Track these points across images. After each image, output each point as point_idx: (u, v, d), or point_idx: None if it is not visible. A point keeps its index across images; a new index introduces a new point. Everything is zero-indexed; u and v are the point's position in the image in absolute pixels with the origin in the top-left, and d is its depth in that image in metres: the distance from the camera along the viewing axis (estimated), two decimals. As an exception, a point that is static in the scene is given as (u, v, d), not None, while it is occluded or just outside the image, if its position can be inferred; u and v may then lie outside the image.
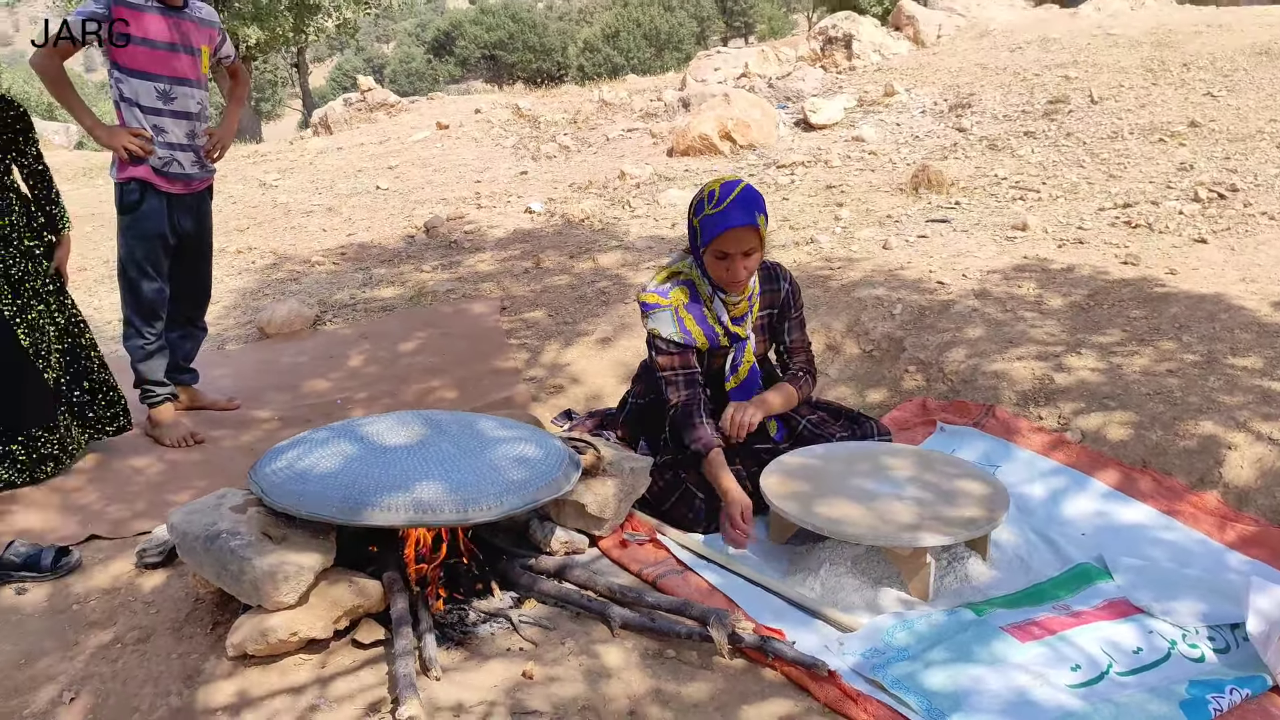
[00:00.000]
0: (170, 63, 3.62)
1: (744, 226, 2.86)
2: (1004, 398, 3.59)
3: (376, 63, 65.97)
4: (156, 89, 3.62)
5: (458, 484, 2.54)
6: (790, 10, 78.28)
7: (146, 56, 3.57)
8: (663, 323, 3.02)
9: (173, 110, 3.67)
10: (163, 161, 3.68)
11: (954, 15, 10.44)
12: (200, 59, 3.74)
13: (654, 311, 3.03)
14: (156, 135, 3.65)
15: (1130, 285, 4.24)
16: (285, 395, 4.27)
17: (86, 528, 3.21)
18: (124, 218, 3.74)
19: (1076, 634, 2.48)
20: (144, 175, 3.66)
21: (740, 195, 2.89)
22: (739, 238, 2.88)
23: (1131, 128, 6.67)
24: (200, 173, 3.84)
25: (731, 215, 2.86)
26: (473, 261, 5.71)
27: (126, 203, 3.70)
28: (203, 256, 4.01)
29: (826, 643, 2.51)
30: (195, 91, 3.73)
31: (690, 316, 3.03)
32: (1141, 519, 3.01)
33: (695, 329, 3.04)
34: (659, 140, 8.38)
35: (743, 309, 3.08)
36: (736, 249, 2.90)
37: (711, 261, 2.96)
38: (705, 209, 2.91)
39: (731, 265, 2.92)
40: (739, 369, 3.13)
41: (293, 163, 10.15)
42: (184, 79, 3.68)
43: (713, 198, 2.91)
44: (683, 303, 3.03)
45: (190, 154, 3.76)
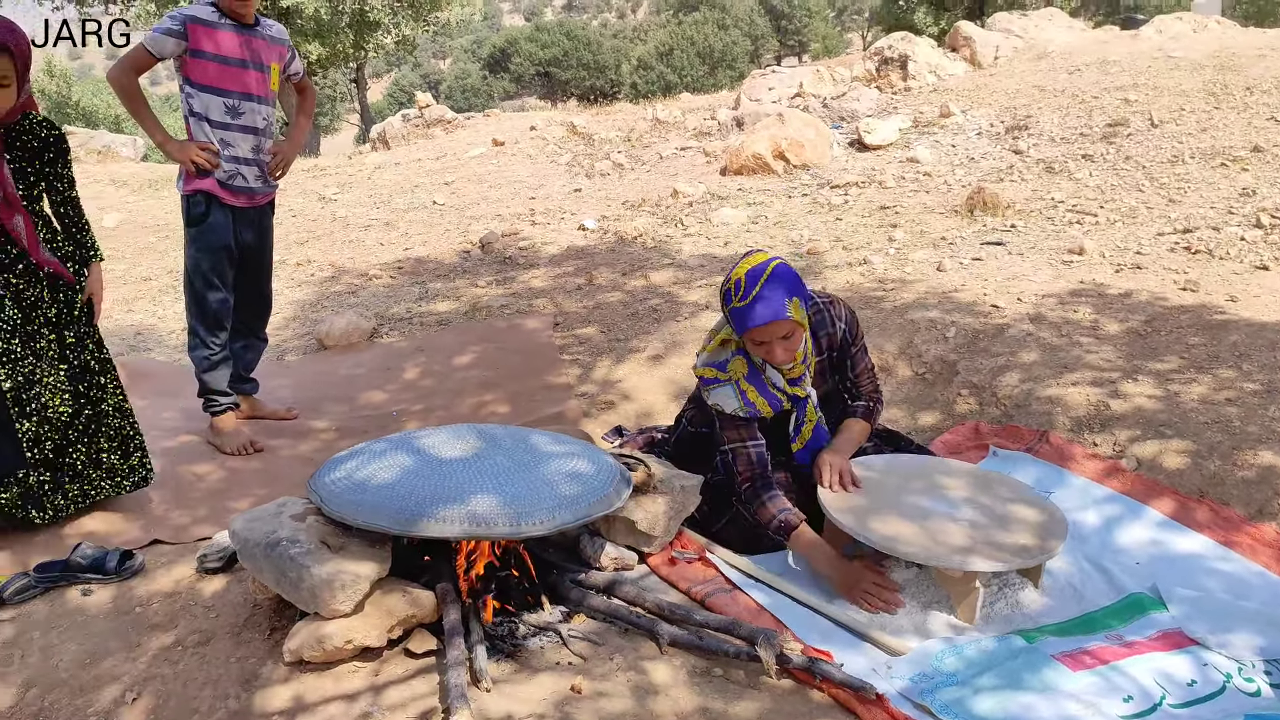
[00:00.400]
0: (240, 78, 3.71)
1: (773, 323, 2.76)
2: (1058, 423, 3.56)
3: (433, 79, 66.82)
4: (225, 104, 3.70)
5: (511, 497, 2.58)
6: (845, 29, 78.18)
7: (218, 72, 3.66)
8: (726, 399, 2.93)
9: (240, 125, 3.75)
10: (228, 175, 3.77)
11: (1011, 37, 10.37)
12: (269, 76, 3.83)
13: (714, 387, 2.95)
14: (223, 149, 3.73)
15: (1189, 312, 4.19)
16: (342, 406, 4.35)
17: (150, 533, 3.29)
18: (190, 229, 3.83)
19: (1129, 664, 2.46)
20: (209, 188, 3.74)
21: (765, 286, 2.76)
22: (770, 330, 2.78)
23: (1192, 152, 6.58)
24: (263, 187, 3.92)
25: (757, 312, 2.76)
26: (526, 277, 5.77)
27: (193, 215, 3.79)
28: (264, 269, 4.09)
29: (874, 666, 2.51)
30: (262, 107, 3.81)
31: (753, 388, 2.95)
32: (1197, 549, 2.97)
33: (759, 400, 2.95)
34: (712, 159, 8.41)
35: (798, 371, 2.97)
36: (771, 337, 2.80)
37: (751, 346, 2.88)
38: (733, 300, 2.81)
39: (770, 351, 2.84)
40: (803, 429, 3.05)
41: (351, 177, 10.32)
42: (252, 95, 3.76)
43: (739, 288, 2.79)
44: (743, 374, 2.95)
45: (255, 168, 3.84)
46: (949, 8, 28.76)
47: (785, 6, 68.27)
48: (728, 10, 61.04)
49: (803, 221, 6.38)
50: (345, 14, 21.57)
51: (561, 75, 53.79)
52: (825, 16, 73.81)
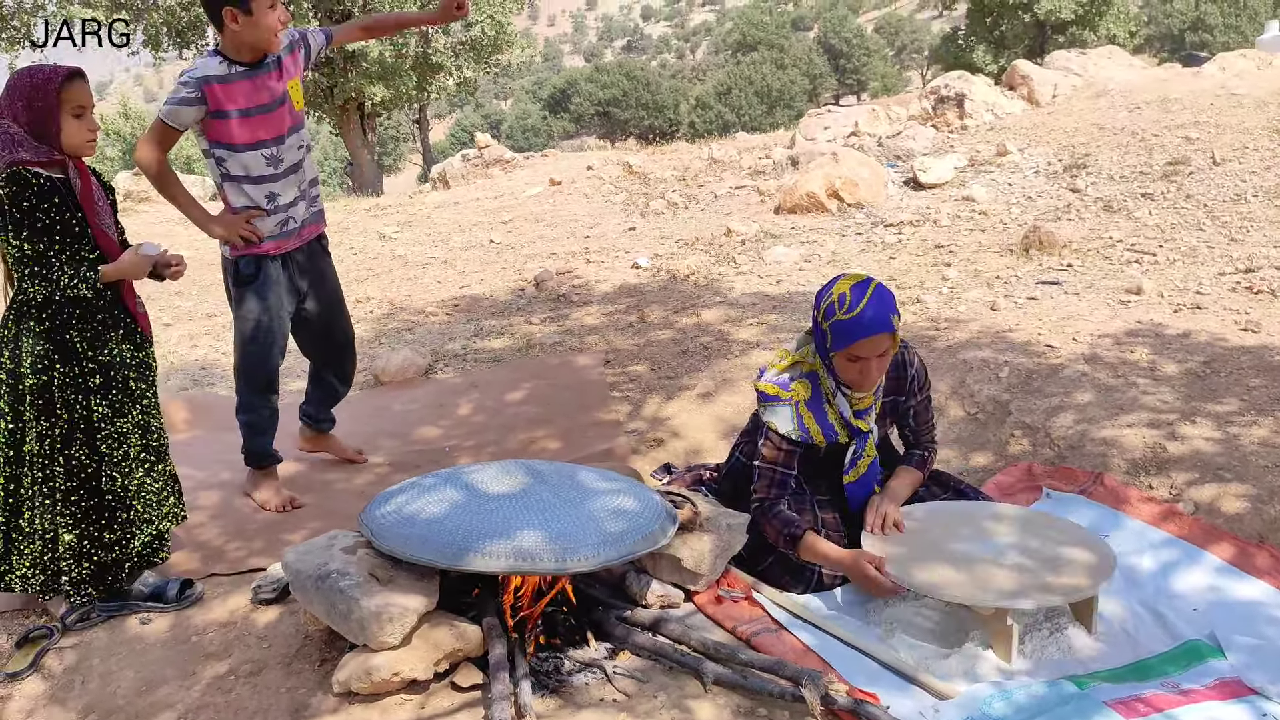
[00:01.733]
0: (269, 124, 3.48)
1: (883, 334, 2.81)
2: (1113, 465, 3.50)
3: (494, 119, 67.99)
4: (264, 156, 3.48)
5: (557, 533, 2.60)
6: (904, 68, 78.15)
7: (249, 127, 3.44)
8: (781, 419, 2.96)
9: (283, 171, 3.54)
10: (279, 225, 3.58)
11: (1070, 75, 10.31)
12: (292, 99, 3.56)
13: (773, 404, 2.98)
14: (269, 201, 3.52)
15: (1250, 353, 4.11)
16: (395, 441, 4.41)
17: (208, 565, 3.36)
18: (239, 290, 3.64)
19: (1185, 713, 2.41)
20: (258, 250, 3.56)
21: (873, 298, 2.82)
22: (875, 343, 2.82)
23: (1255, 190, 6.48)
24: (313, 216, 3.72)
25: (867, 323, 2.79)
26: (579, 315, 5.83)
27: (243, 275, 3.60)
28: (335, 310, 3.92)
29: (922, 709, 2.48)
30: (298, 137, 3.59)
31: (810, 415, 2.98)
32: (1258, 596, 2.90)
33: (814, 427, 2.97)
34: (766, 198, 8.44)
35: (867, 402, 3.00)
36: (871, 353, 2.84)
37: (843, 364, 2.89)
38: (836, 314, 2.83)
39: (865, 369, 2.87)
40: (859, 463, 3.05)
41: (411, 216, 10.52)
42: (285, 134, 3.53)
43: (844, 302, 2.82)
44: (804, 399, 2.97)
45: (304, 203, 3.64)
46: (1008, 46, 28.68)
47: (844, 46, 68.58)
48: (786, 50, 61.47)
49: (856, 260, 6.37)
50: (409, 57, 22.04)
51: (621, 115, 54.46)
52: (884, 55, 73.99)
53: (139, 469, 3.09)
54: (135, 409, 3.08)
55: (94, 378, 2.96)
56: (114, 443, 3.00)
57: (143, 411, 3.11)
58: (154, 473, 3.15)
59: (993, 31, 29.40)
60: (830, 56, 67.39)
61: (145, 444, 3.12)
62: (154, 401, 3.18)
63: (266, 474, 3.92)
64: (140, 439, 3.10)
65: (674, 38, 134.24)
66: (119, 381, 3.02)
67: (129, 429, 3.05)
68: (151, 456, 3.15)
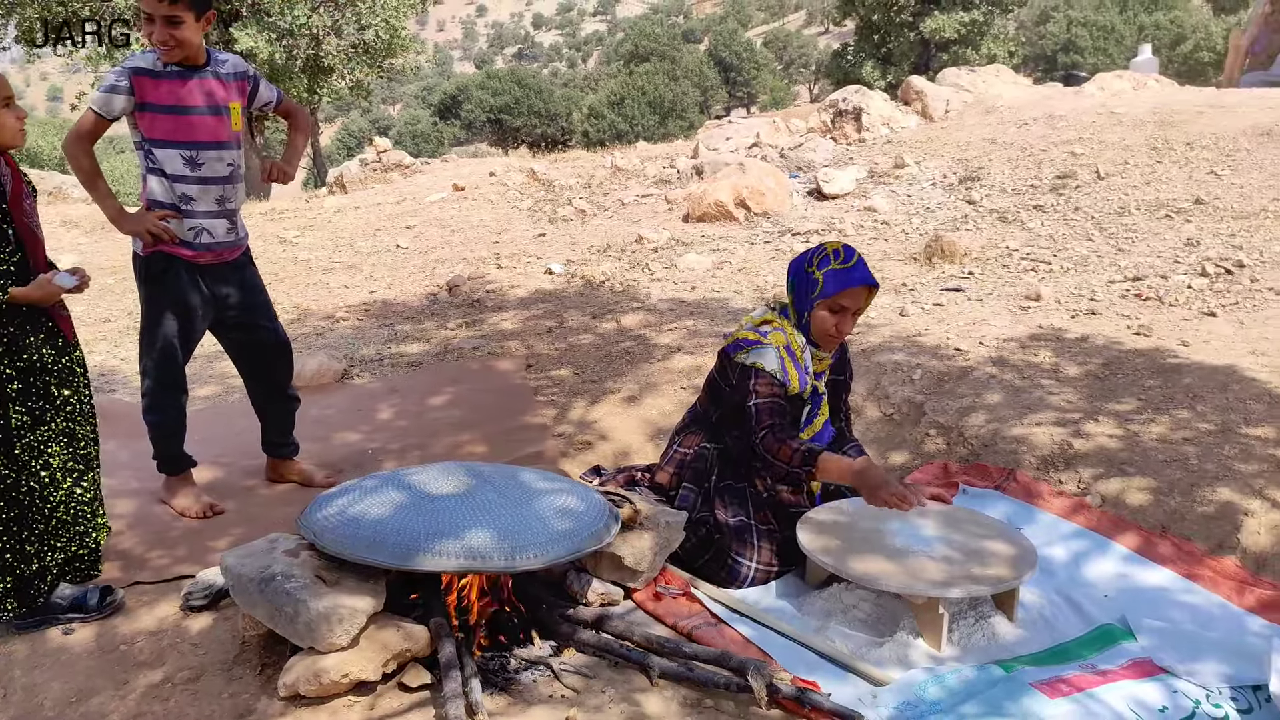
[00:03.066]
0: (195, 126, 3.42)
1: (869, 286, 3.13)
2: (1024, 462, 3.68)
3: (382, 124, 66.87)
4: (183, 156, 3.42)
5: (505, 532, 2.62)
6: (792, 82, 79.66)
7: (170, 123, 3.39)
8: (767, 358, 3.14)
9: (200, 176, 3.46)
10: (193, 232, 3.49)
11: (961, 91, 10.71)
12: (229, 117, 3.50)
13: (755, 348, 3.16)
14: (184, 204, 3.45)
15: (1144, 355, 4.36)
16: (316, 446, 4.35)
17: (130, 573, 3.27)
18: (149, 288, 3.57)
19: (1104, 691, 2.55)
20: (170, 249, 3.49)
21: (861, 258, 3.15)
22: (858, 294, 3.13)
23: (1138, 204, 6.85)
24: (233, 240, 3.64)
25: (862, 273, 3.11)
26: (496, 320, 5.83)
27: (152, 273, 3.52)
28: (263, 319, 3.82)
29: (860, 696, 2.58)
30: (225, 153, 3.51)
31: (789, 359, 3.17)
32: (1162, 582, 3.09)
33: (793, 371, 3.17)
34: (674, 206, 8.56)
35: (825, 365, 3.27)
36: (854, 304, 3.14)
37: (822, 315, 3.14)
38: (831, 263, 3.11)
39: (843, 320, 3.14)
40: (814, 421, 3.28)
41: (311, 221, 10.32)
42: (211, 143, 3.46)
43: (838, 255, 3.13)
44: (782, 344, 3.17)
45: (223, 221, 3.56)
46: (895, 62, 29.55)
47: (734, 59, 69.54)
48: (677, 61, 62.01)
49: (767, 268, 6.52)
50: (299, 59, 21.59)
51: (513, 122, 54.14)
52: (773, 69, 75.29)
53: (66, 479, 2.99)
54: (58, 416, 2.98)
55: (11, 383, 2.86)
56: (34, 452, 2.90)
57: (67, 419, 3.01)
58: (84, 482, 3.06)
59: (880, 48, 30.24)
60: (721, 69, 68.26)
61: (72, 453, 3.03)
62: (81, 408, 3.08)
63: (183, 480, 3.82)
64: (65, 447, 3.00)
65: (565, 46, 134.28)
66: (39, 387, 2.92)
67: (50, 437, 2.95)
68: (80, 465, 3.05)
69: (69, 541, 3.03)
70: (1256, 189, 6.80)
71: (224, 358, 5.41)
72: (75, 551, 3.06)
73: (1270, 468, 3.37)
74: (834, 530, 3.04)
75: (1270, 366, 4.17)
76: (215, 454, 4.22)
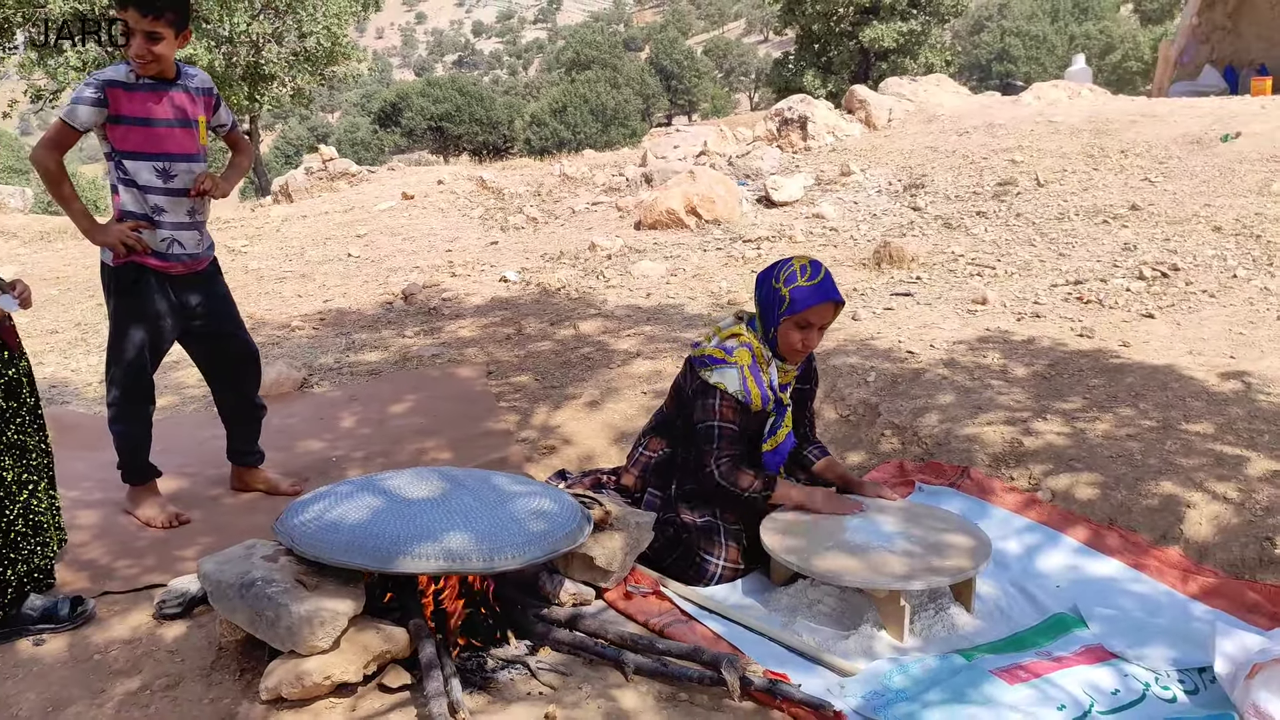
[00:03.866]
0: (167, 140, 3.46)
1: (836, 303, 3.16)
2: (977, 460, 3.81)
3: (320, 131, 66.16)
4: (155, 168, 3.46)
5: (483, 534, 2.68)
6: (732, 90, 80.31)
7: (143, 136, 3.43)
8: (730, 379, 3.17)
9: (171, 189, 3.50)
10: (165, 243, 3.53)
11: (903, 100, 10.94)
12: (198, 130, 3.56)
13: (721, 367, 3.19)
14: (156, 215, 3.49)
15: (1088, 356, 4.52)
16: (279, 455, 4.35)
17: (99, 583, 3.26)
18: (119, 299, 3.57)
19: (1059, 677, 2.66)
20: (141, 260, 3.51)
21: (828, 274, 3.17)
22: (825, 311, 3.15)
23: (1077, 209, 7.07)
24: (203, 251, 3.67)
25: (829, 290, 3.13)
26: (454, 327, 5.86)
27: (122, 284, 3.54)
28: (232, 327, 3.84)
29: (829, 686, 2.66)
30: (195, 166, 3.55)
31: (752, 378, 3.20)
32: (1111, 572, 3.23)
33: (755, 391, 3.20)
34: (625, 214, 8.64)
35: (791, 376, 3.30)
36: (820, 321, 3.17)
37: (789, 330, 3.16)
38: (799, 280, 3.13)
39: (809, 336, 3.18)
40: (778, 432, 3.31)
41: (259, 230, 10.25)
42: (181, 155, 3.50)
43: (805, 271, 3.15)
44: (746, 363, 3.21)
45: (194, 232, 3.59)
46: (835, 71, 29.96)
47: (675, 67, 69.97)
48: (619, 69, 62.28)
49: (720, 274, 6.63)
50: (239, 66, 21.36)
51: (454, 130, 53.89)
52: (714, 77, 75.87)
53: (22, 491, 2.98)
54: (8, 429, 2.97)
55: None
56: None
57: (18, 430, 3.00)
58: (39, 494, 3.04)
59: (821, 57, 30.63)
60: (662, 77, 68.68)
61: (25, 464, 3.01)
62: (31, 420, 3.06)
63: (148, 490, 3.81)
64: (17, 460, 2.98)
65: (506, 54, 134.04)
66: None
67: (0, 450, 2.93)
68: (34, 477, 3.04)
69: (30, 554, 3.01)
70: (1188, 195, 7.05)
71: (180, 368, 5.41)
72: (38, 563, 3.05)
73: (1210, 461, 3.53)
74: (797, 530, 3.13)
75: (1207, 365, 4.36)
76: (179, 464, 4.21)
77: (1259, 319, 4.99)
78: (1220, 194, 6.96)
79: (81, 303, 7.77)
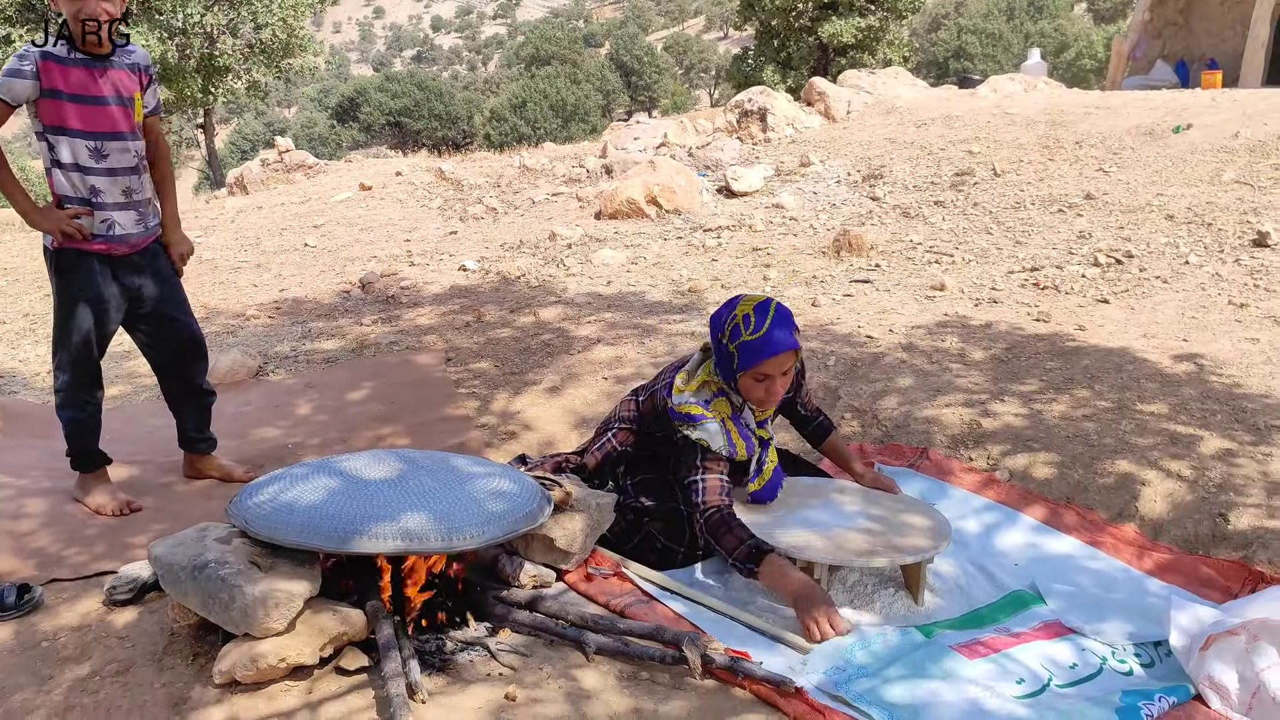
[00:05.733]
0: (102, 117, 3.36)
1: (788, 351, 2.90)
2: (936, 441, 3.83)
3: (277, 126, 65.51)
4: (88, 147, 3.36)
5: (441, 514, 2.64)
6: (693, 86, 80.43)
7: (77, 113, 3.31)
8: (714, 437, 2.99)
9: (107, 168, 3.41)
10: (104, 225, 3.44)
11: (861, 93, 11.00)
12: (134, 108, 3.45)
13: (702, 424, 3.00)
14: (93, 196, 3.40)
15: (1044, 340, 4.56)
16: (234, 442, 4.28)
17: (47, 570, 3.19)
18: (60, 281, 3.49)
19: (1018, 651, 2.68)
20: (81, 245, 3.42)
21: (776, 318, 2.90)
22: (781, 361, 2.91)
23: (1033, 199, 7.14)
24: (142, 231, 3.56)
25: (775, 341, 2.87)
26: (412, 315, 5.81)
27: (63, 265, 3.46)
28: (176, 311, 3.73)
29: (790, 664, 2.66)
30: (130, 144, 3.45)
31: (735, 429, 3.04)
32: (1068, 550, 3.26)
33: (740, 442, 3.04)
34: (585, 204, 8.61)
35: (768, 413, 3.14)
36: (777, 371, 2.93)
37: (749, 384, 2.96)
38: (742, 334, 2.90)
39: (771, 387, 2.96)
40: (764, 470, 3.16)
41: (213, 221, 10.11)
42: (116, 133, 3.40)
43: (748, 323, 2.90)
44: (727, 414, 3.05)
45: (131, 212, 3.49)
46: (795, 66, 30.04)
47: (635, 63, 69.93)
48: (579, 65, 62.16)
49: (680, 262, 6.62)
50: (193, 58, 21.05)
51: (413, 125, 53.53)
52: (674, 73, 75.91)
53: None
54: None
55: None
56: None
57: None
58: None
59: (780, 53, 30.69)
60: (622, 73, 68.58)
61: None
62: None
63: (97, 478, 3.73)
64: None
65: (465, 49, 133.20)
66: None
67: None
68: None
69: None
70: (1141, 185, 7.14)
71: (132, 357, 5.32)
72: None
73: (1164, 441, 3.57)
74: (760, 508, 3.13)
75: (1160, 348, 4.41)
76: (129, 452, 4.13)
77: (1210, 304, 5.06)
78: (1172, 183, 7.05)
79: (29, 294, 7.62)
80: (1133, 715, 2.41)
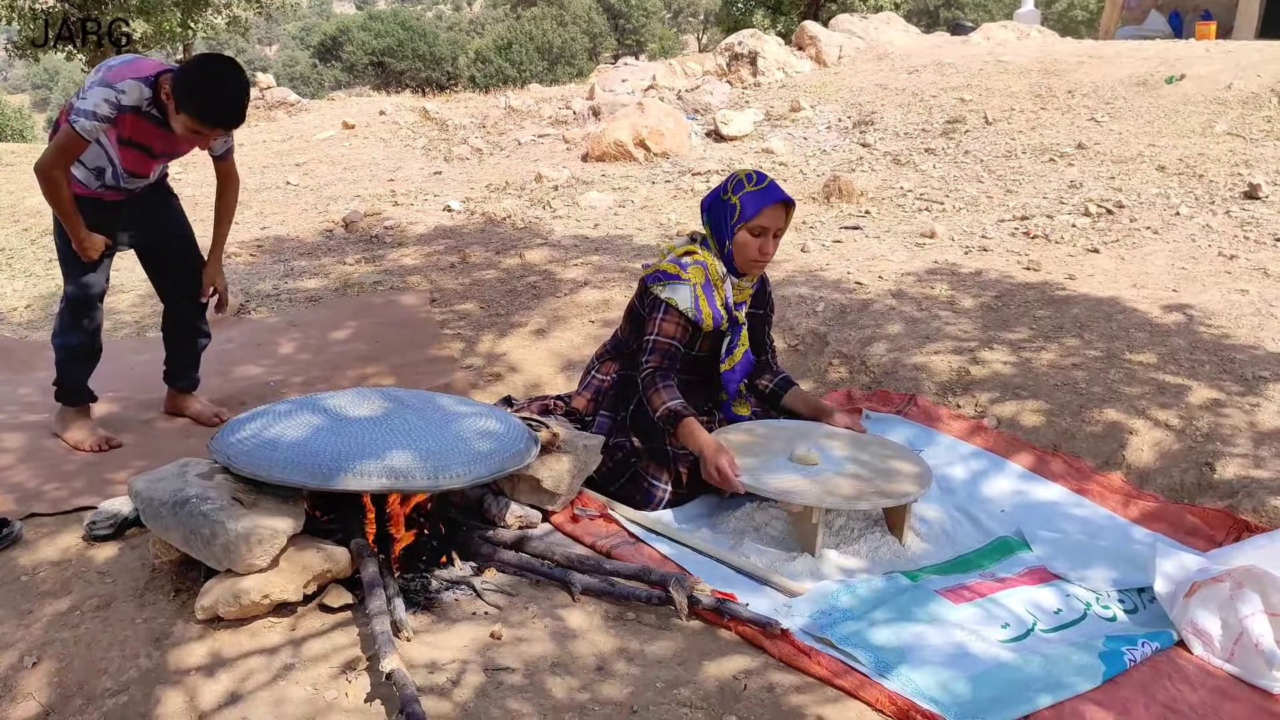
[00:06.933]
0: (142, 164, 3.46)
1: (786, 204, 3.11)
2: (924, 388, 3.81)
3: (258, 64, 64.40)
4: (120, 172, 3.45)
5: (427, 453, 2.61)
6: (681, 30, 79.47)
7: (123, 154, 3.41)
8: (682, 296, 3.13)
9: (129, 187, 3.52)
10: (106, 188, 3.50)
11: (853, 38, 10.85)
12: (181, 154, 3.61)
13: (673, 283, 3.14)
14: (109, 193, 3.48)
15: (1034, 289, 4.54)
16: (216, 380, 4.23)
17: (25, 505, 3.15)
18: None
19: (1003, 596, 2.69)
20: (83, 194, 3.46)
21: (773, 181, 3.13)
22: (777, 213, 3.10)
23: (1024, 148, 7.08)
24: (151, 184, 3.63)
25: (776, 192, 3.09)
26: (396, 255, 5.73)
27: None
28: (183, 250, 3.81)
29: (776, 606, 2.65)
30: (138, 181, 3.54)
31: (705, 297, 3.16)
32: (1055, 497, 3.26)
33: (707, 310, 3.16)
34: (572, 146, 8.50)
35: (746, 294, 3.27)
36: (774, 224, 3.10)
37: (744, 240, 3.12)
38: (746, 187, 3.11)
39: (765, 244, 3.13)
40: (734, 352, 3.27)
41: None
42: (138, 174, 3.49)
43: (751, 179, 3.12)
44: (700, 282, 3.16)
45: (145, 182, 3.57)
46: (785, 11, 29.68)
47: (623, 6, 68.94)
48: (566, 7, 61.21)
49: (669, 206, 6.55)
50: (172, -11, 20.59)
51: (396, 66, 52.72)
52: (662, 17, 74.89)
53: None
54: None
55: None
56: None
57: None
58: None
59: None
60: (610, 16, 67.60)
61: None
62: None
63: (79, 414, 3.70)
64: None
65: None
66: None
67: None
68: None
69: None
70: (1133, 135, 7.09)
71: (113, 293, 5.23)
72: None
73: (1152, 390, 3.57)
74: (748, 450, 3.11)
75: (1150, 298, 4.40)
76: (111, 388, 4.07)
77: (1200, 255, 5.04)
78: (1164, 134, 7.01)
79: (4, 228, 7.49)
80: (1116, 659, 2.41)
